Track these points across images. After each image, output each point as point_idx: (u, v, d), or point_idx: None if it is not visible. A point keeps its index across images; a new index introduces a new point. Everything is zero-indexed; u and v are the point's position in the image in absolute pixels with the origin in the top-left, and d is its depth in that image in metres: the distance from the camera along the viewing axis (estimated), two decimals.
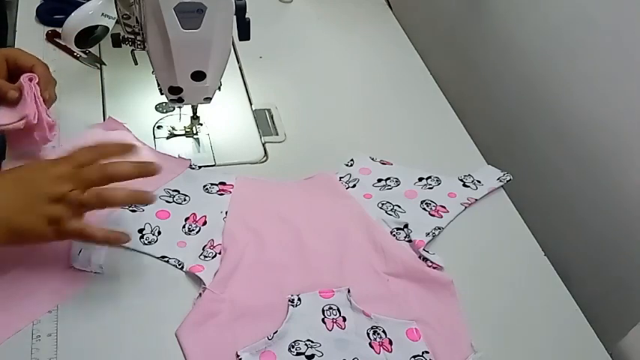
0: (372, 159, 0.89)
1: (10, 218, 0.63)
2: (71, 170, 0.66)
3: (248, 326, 0.67)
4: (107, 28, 0.89)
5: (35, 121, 0.77)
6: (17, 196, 0.64)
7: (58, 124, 0.83)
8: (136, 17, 0.78)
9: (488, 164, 0.91)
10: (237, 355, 0.64)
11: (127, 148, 0.70)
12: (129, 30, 0.80)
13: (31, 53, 0.84)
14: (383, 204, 0.82)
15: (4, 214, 0.63)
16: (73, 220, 0.65)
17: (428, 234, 0.79)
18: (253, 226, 0.77)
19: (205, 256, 0.73)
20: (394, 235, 0.79)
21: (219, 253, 0.73)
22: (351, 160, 0.89)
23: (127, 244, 0.72)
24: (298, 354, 0.65)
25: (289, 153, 0.90)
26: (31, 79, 0.79)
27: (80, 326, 0.66)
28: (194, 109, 0.87)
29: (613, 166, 0.87)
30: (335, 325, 0.68)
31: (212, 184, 0.82)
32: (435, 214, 0.82)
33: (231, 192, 0.81)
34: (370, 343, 0.67)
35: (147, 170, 0.68)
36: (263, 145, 0.91)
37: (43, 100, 0.80)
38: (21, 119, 0.77)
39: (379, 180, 0.86)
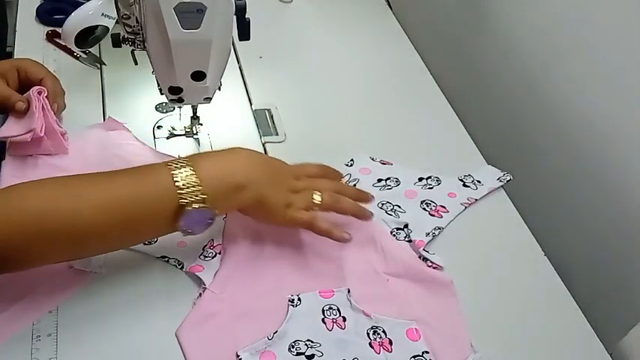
0: (372, 159, 0.89)
1: (263, 187, 0.70)
2: (305, 177, 0.76)
3: (248, 326, 0.67)
4: (107, 28, 0.89)
5: (42, 134, 0.79)
6: (267, 173, 0.72)
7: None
8: (136, 17, 0.78)
9: (488, 164, 0.91)
10: (237, 355, 0.64)
11: (363, 196, 0.78)
12: (129, 30, 0.80)
13: (41, 64, 0.85)
14: (383, 204, 0.82)
15: (258, 179, 0.70)
16: (303, 212, 0.72)
17: (428, 234, 0.79)
18: (253, 226, 0.77)
19: (205, 256, 0.73)
20: (394, 235, 0.79)
21: (219, 253, 0.73)
22: (351, 160, 0.89)
23: None
24: (298, 354, 0.65)
25: (289, 153, 0.90)
26: (40, 93, 0.80)
27: (80, 326, 0.66)
28: (194, 109, 0.87)
29: (613, 165, 0.87)
30: (335, 325, 0.68)
31: None
32: (435, 214, 0.82)
33: None
34: (370, 343, 0.67)
35: (364, 214, 0.76)
36: (263, 145, 0.91)
37: (54, 113, 0.81)
38: (28, 132, 0.78)
39: (379, 180, 0.86)
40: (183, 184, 0.64)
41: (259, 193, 0.69)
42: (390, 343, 0.67)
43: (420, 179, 0.87)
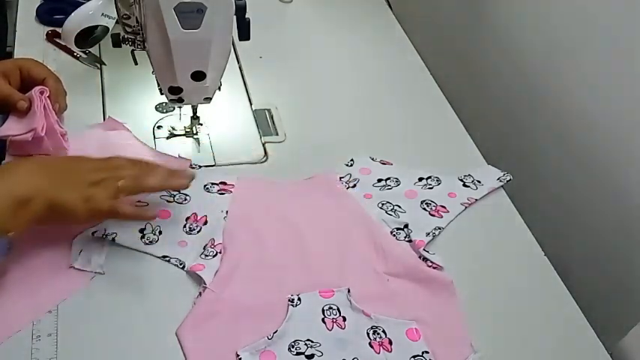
0: (372, 159, 0.89)
1: (49, 192, 0.66)
2: (109, 167, 0.72)
3: (248, 326, 0.67)
4: (107, 28, 0.89)
5: (43, 134, 0.79)
6: (58, 175, 0.68)
7: None
8: (136, 17, 0.78)
9: (488, 164, 0.91)
10: (237, 355, 0.64)
11: (176, 174, 0.75)
12: (129, 30, 0.80)
13: (44, 64, 0.86)
14: (383, 204, 0.82)
15: (46, 185, 0.66)
16: (106, 200, 0.68)
17: (428, 234, 0.79)
18: (254, 226, 0.77)
19: (206, 255, 0.73)
20: (394, 235, 0.79)
21: (220, 252, 0.73)
22: (351, 160, 0.89)
23: (128, 244, 0.73)
24: (298, 354, 0.65)
25: (289, 153, 0.90)
26: (42, 92, 0.80)
27: (80, 326, 0.66)
28: (194, 109, 0.87)
29: (613, 165, 0.87)
30: (335, 324, 0.68)
31: (212, 184, 0.82)
32: (435, 214, 0.82)
33: (231, 191, 0.81)
34: (370, 343, 0.67)
35: (176, 184, 0.75)
36: (263, 145, 0.91)
37: (55, 113, 0.81)
38: (29, 131, 0.78)
39: (379, 180, 0.86)
40: None
41: (49, 198, 0.65)
42: (390, 343, 0.67)
43: (420, 179, 0.87)
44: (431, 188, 0.85)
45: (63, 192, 0.67)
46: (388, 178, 0.86)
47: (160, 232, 0.75)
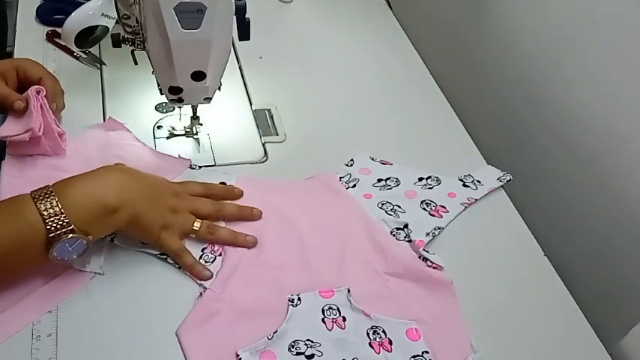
0: (372, 159, 0.89)
1: (137, 207, 0.68)
2: (187, 195, 0.76)
3: (248, 326, 0.67)
4: (107, 28, 0.89)
5: (40, 134, 0.79)
6: (146, 191, 0.71)
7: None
8: (136, 17, 0.78)
9: (488, 164, 0.91)
10: (237, 355, 0.64)
11: (232, 192, 0.80)
12: (129, 30, 0.80)
13: (41, 64, 0.85)
14: (383, 204, 0.82)
15: (133, 199, 0.68)
16: (177, 238, 0.72)
17: (428, 234, 0.79)
18: (253, 226, 0.77)
19: (206, 262, 0.73)
20: (394, 235, 0.79)
21: (220, 255, 0.73)
22: (351, 160, 0.89)
23: (126, 245, 0.73)
24: (298, 354, 0.65)
25: (289, 153, 0.90)
26: (38, 92, 0.80)
27: (80, 326, 0.66)
28: (194, 109, 0.87)
29: (613, 165, 0.87)
30: (335, 324, 0.68)
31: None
32: (435, 214, 0.82)
33: None
34: (370, 343, 0.67)
35: (250, 214, 0.78)
36: (263, 145, 0.91)
37: (52, 112, 0.81)
38: (26, 131, 0.78)
39: (379, 180, 0.86)
40: (47, 214, 0.62)
41: (134, 213, 0.68)
42: (390, 343, 0.67)
43: (420, 179, 0.87)
44: (431, 188, 0.85)
45: (148, 211, 0.69)
46: (388, 178, 0.86)
47: None
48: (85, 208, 0.65)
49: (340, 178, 0.86)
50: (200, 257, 0.73)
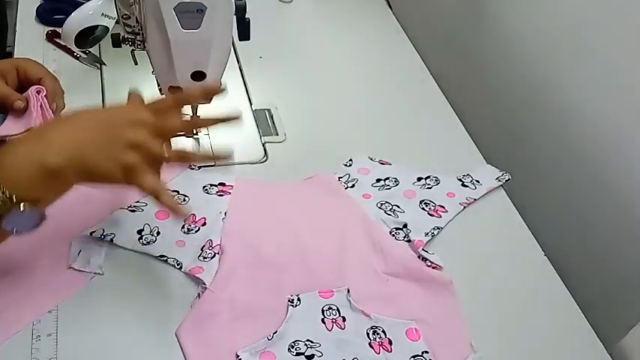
0: (371, 159, 0.89)
1: (85, 157, 0.60)
2: (152, 117, 0.64)
3: (248, 326, 0.67)
4: (107, 28, 0.89)
5: None
6: (95, 135, 0.61)
7: None
8: (136, 17, 0.78)
9: (488, 164, 0.91)
10: (237, 356, 0.64)
11: (210, 92, 0.69)
12: (129, 30, 0.81)
13: (41, 64, 0.86)
14: (382, 204, 0.82)
15: (80, 152, 0.60)
16: (149, 175, 0.62)
17: (427, 234, 0.79)
18: (253, 227, 0.77)
19: (204, 257, 0.73)
20: (393, 235, 0.79)
21: (218, 254, 0.73)
22: (350, 160, 0.89)
23: (126, 245, 0.73)
24: (298, 354, 0.65)
25: (289, 153, 0.90)
26: (38, 92, 0.81)
27: (80, 326, 0.66)
28: (194, 109, 0.87)
29: (613, 165, 0.87)
30: (334, 325, 0.68)
31: (211, 185, 0.82)
32: (434, 214, 0.82)
33: (230, 193, 0.81)
34: (370, 343, 0.67)
35: (232, 116, 0.68)
36: (263, 145, 0.91)
37: (52, 112, 0.81)
38: (26, 130, 0.78)
39: (378, 180, 0.86)
40: None
41: (82, 167, 0.60)
42: (390, 343, 0.67)
43: (419, 179, 0.86)
44: (430, 188, 0.85)
45: (99, 159, 0.60)
46: (387, 178, 0.86)
47: (159, 233, 0.75)
48: (24, 174, 0.58)
49: (339, 178, 0.86)
50: (199, 255, 0.73)
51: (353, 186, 0.85)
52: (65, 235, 0.72)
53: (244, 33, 0.78)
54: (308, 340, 0.66)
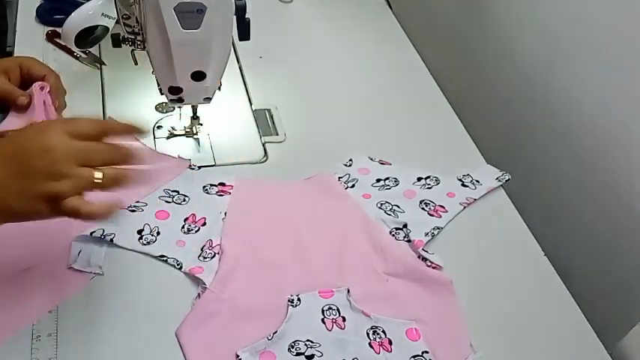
0: (371, 159, 0.89)
1: (2, 201, 0.55)
2: (74, 145, 0.56)
3: (248, 326, 0.67)
4: (107, 28, 0.89)
5: None
6: (9, 175, 0.55)
7: None
8: (136, 17, 0.78)
9: (488, 164, 0.91)
10: (237, 355, 0.64)
11: (132, 129, 0.60)
12: (129, 30, 0.81)
13: (44, 63, 0.86)
14: (382, 204, 0.82)
15: None
16: (72, 198, 0.55)
17: (427, 234, 0.79)
18: (253, 227, 0.77)
19: (204, 257, 0.73)
20: (393, 234, 0.79)
21: (218, 254, 0.73)
22: (350, 160, 0.89)
23: (126, 245, 0.73)
24: (298, 354, 0.65)
25: (289, 153, 0.90)
26: (42, 88, 0.81)
27: (80, 326, 0.66)
28: (194, 109, 0.87)
29: (613, 165, 0.87)
30: (335, 325, 0.68)
31: (211, 185, 0.82)
32: (434, 214, 0.82)
33: (230, 193, 0.81)
34: (370, 343, 0.67)
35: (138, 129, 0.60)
36: (263, 145, 0.91)
37: (55, 109, 0.81)
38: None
39: (378, 180, 0.86)
40: None
41: (3, 210, 0.55)
42: (390, 343, 0.67)
43: (419, 179, 0.86)
44: (430, 188, 0.85)
45: (16, 198, 0.55)
46: (387, 178, 0.86)
47: (159, 233, 0.75)
48: None
49: (339, 178, 0.86)
50: (199, 255, 0.73)
51: (353, 186, 0.85)
52: (65, 235, 0.72)
53: (244, 33, 0.78)
54: (308, 340, 0.66)
